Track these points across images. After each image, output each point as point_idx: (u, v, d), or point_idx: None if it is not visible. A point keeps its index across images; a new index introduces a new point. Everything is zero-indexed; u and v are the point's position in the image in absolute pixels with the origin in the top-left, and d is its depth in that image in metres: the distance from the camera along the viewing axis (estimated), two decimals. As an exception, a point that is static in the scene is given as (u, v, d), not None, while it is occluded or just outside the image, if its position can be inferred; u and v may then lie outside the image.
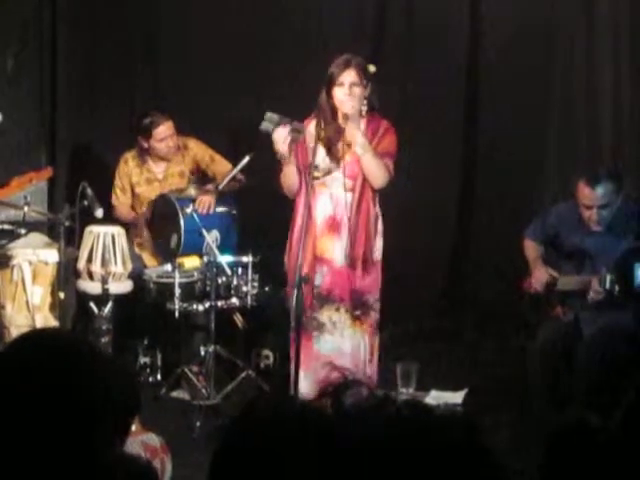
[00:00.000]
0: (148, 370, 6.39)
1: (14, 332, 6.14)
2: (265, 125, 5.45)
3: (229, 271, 6.00)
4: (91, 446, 2.12)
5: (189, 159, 6.73)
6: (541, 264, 5.74)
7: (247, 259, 6.05)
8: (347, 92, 5.49)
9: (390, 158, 5.63)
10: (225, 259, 6.03)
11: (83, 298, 6.27)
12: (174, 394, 6.18)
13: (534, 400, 5.51)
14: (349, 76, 5.51)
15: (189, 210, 6.21)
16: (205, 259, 6.06)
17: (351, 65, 5.52)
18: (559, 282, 5.62)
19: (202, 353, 6.19)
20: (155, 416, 5.22)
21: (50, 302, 6.23)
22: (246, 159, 6.15)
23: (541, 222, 5.87)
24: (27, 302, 6.17)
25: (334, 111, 5.61)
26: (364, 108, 5.57)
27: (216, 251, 6.02)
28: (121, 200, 6.77)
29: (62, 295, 6.04)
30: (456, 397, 5.98)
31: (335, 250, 5.66)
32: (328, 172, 5.62)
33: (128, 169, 6.74)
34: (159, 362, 6.40)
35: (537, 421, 5.34)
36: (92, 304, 6.19)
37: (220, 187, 6.34)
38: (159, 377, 6.37)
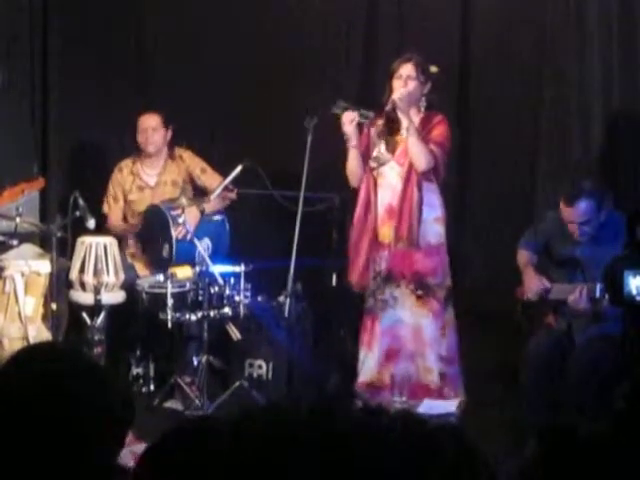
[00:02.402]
0: (141, 380, 6.37)
1: (6, 343, 6.14)
2: (335, 109, 5.88)
3: (221, 281, 6.00)
4: (87, 458, 2.12)
5: (182, 169, 6.74)
6: (531, 271, 5.76)
7: (240, 268, 6.06)
8: (402, 84, 5.89)
9: (437, 146, 5.92)
10: (217, 269, 6.04)
11: (76, 309, 6.27)
12: (167, 404, 6.17)
13: (527, 408, 5.51)
14: (406, 69, 5.93)
15: (181, 220, 6.21)
16: (197, 269, 6.06)
17: (410, 61, 5.95)
18: (552, 290, 5.64)
19: (195, 363, 6.20)
20: (148, 426, 5.20)
21: (42, 313, 6.23)
22: (238, 168, 6.16)
23: (533, 232, 5.91)
24: (19, 313, 6.16)
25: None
26: (422, 105, 5.98)
27: (208, 261, 6.02)
28: (113, 209, 6.76)
29: (54, 306, 6.04)
30: (450, 406, 5.98)
31: (390, 234, 5.97)
32: (384, 162, 5.97)
33: (122, 177, 6.76)
34: (152, 372, 6.38)
35: (530, 428, 5.34)
36: (85, 314, 6.19)
37: (214, 195, 6.33)
38: (152, 387, 6.36)
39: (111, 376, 2.31)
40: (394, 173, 5.98)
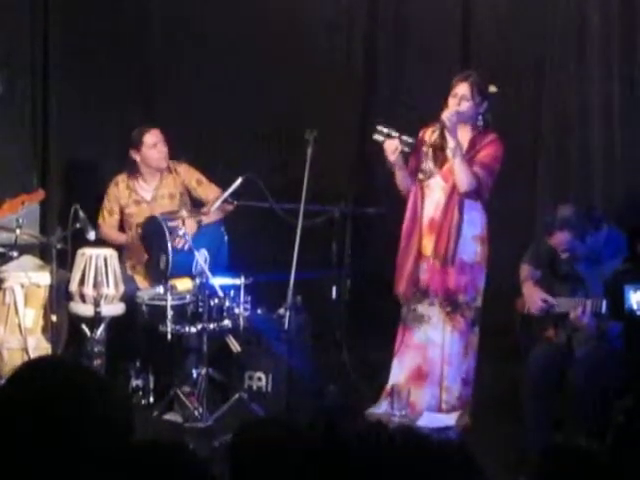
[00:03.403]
0: (140, 392, 6.35)
1: (6, 354, 6.14)
2: (377, 136, 5.87)
3: (221, 293, 6.00)
4: (87, 470, 2.12)
5: (178, 182, 6.75)
6: (531, 286, 5.76)
7: (239, 281, 6.06)
8: (457, 103, 5.88)
9: (481, 168, 5.89)
10: (217, 281, 6.04)
11: (75, 320, 6.26)
12: (167, 416, 6.15)
13: (527, 421, 5.51)
14: (462, 89, 5.90)
15: (181, 232, 6.21)
16: (197, 281, 6.06)
17: (467, 80, 5.91)
18: (558, 303, 5.63)
19: (194, 375, 6.19)
20: (147, 438, 5.20)
21: (42, 325, 6.24)
22: (239, 181, 6.16)
23: (535, 248, 5.92)
24: (19, 325, 6.17)
25: None
26: (480, 123, 5.96)
27: (208, 273, 6.02)
28: (107, 222, 6.75)
29: (54, 317, 6.04)
30: (449, 419, 5.97)
31: (430, 248, 5.98)
32: (430, 175, 5.97)
33: (118, 191, 6.75)
34: (151, 384, 6.37)
35: (531, 443, 5.33)
36: (84, 326, 6.19)
37: (214, 207, 6.35)
38: (151, 399, 6.34)
39: (111, 389, 2.31)
40: (439, 188, 5.98)
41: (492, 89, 5.94)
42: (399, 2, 7.43)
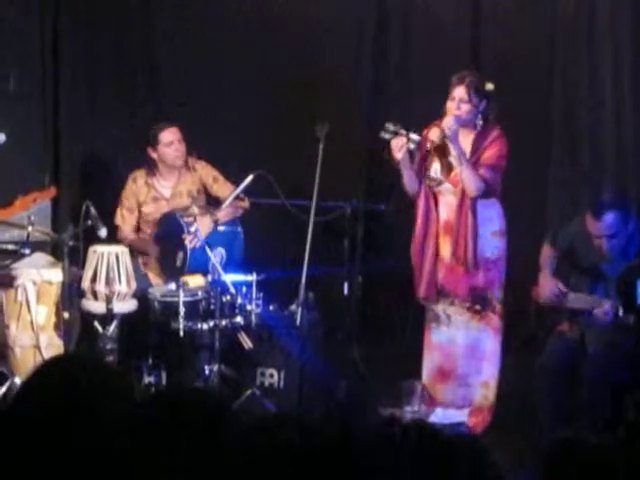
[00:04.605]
0: (153, 389, 6.36)
1: (18, 352, 6.15)
2: (384, 134, 5.80)
3: (233, 290, 6.01)
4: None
5: (196, 179, 6.75)
6: (547, 275, 5.74)
7: (251, 277, 6.06)
8: (455, 107, 5.81)
9: (488, 169, 5.84)
10: (229, 278, 6.04)
11: (87, 318, 6.27)
12: (179, 413, 6.15)
13: (540, 416, 5.51)
14: (459, 92, 5.82)
15: (193, 229, 6.23)
16: (209, 278, 6.07)
17: (464, 82, 5.81)
18: (569, 298, 5.61)
19: (207, 372, 6.19)
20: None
21: (54, 322, 6.24)
22: (250, 177, 6.16)
23: (561, 230, 5.89)
24: (31, 322, 6.17)
25: None
26: (479, 122, 5.88)
27: (220, 270, 6.02)
28: (127, 221, 6.74)
29: (66, 315, 6.04)
30: (461, 414, 5.97)
31: (447, 250, 5.95)
32: (439, 182, 5.94)
33: (136, 188, 6.74)
34: (164, 381, 6.38)
35: (543, 438, 5.33)
36: (96, 323, 6.19)
37: (225, 205, 6.36)
38: (164, 396, 6.34)
39: (131, 385, 2.31)
40: (449, 193, 5.93)
41: (489, 87, 5.86)
42: (407, 2, 7.43)
